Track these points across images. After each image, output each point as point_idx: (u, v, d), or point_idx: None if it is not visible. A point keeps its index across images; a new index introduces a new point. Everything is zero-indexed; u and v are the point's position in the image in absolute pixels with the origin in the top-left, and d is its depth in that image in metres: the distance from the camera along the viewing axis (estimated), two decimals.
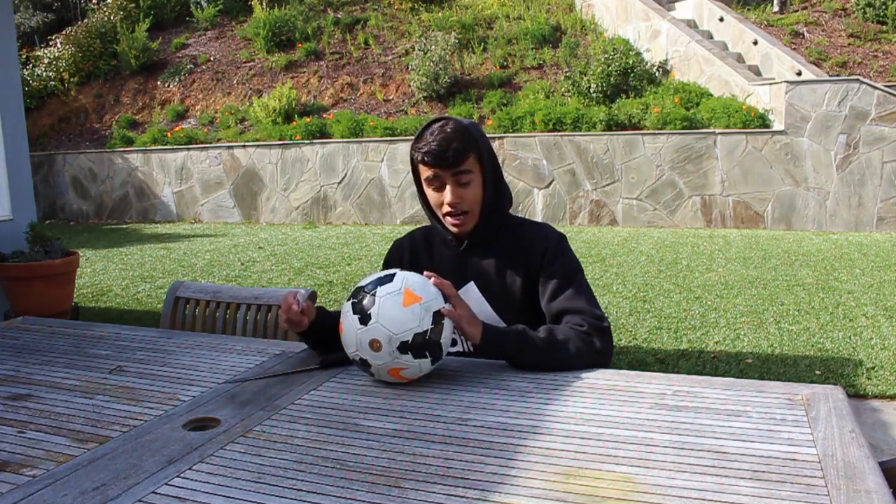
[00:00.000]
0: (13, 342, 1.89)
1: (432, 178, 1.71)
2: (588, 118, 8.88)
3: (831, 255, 6.58)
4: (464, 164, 1.68)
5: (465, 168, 1.68)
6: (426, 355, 1.45)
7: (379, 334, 1.43)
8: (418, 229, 1.92)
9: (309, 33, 12.09)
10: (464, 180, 1.69)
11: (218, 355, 1.75)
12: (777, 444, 1.18)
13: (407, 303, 1.44)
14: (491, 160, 1.74)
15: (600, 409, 1.35)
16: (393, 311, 1.44)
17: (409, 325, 1.43)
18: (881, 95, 7.80)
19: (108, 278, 6.55)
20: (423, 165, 1.70)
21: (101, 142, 11.39)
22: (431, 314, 1.45)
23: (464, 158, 1.67)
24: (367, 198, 9.67)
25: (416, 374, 1.48)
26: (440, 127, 1.69)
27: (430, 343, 1.45)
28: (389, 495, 1.04)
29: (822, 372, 3.72)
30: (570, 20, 11.38)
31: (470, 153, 1.68)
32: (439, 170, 1.68)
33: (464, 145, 1.67)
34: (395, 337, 1.42)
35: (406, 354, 1.43)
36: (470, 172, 1.69)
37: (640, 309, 4.94)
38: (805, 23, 10.35)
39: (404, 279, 1.48)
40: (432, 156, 1.66)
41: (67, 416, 1.38)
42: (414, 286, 1.47)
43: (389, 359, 1.44)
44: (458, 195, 1.69)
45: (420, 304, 1.45)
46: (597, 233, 8.28)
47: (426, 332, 1.43)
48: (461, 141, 1.66)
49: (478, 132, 1.72)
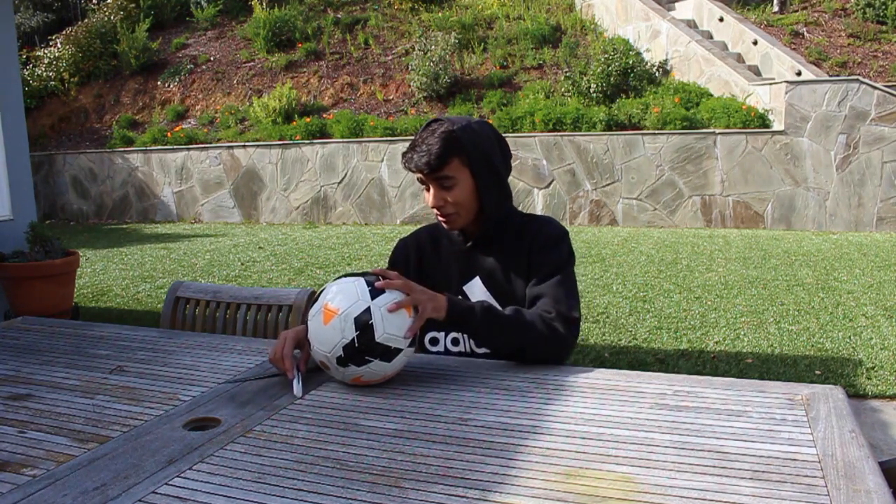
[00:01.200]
0: (13, 342, 1.89)
1: (421, 181, 1.74)
2: (588, 118, 8.88)
3: (831, 255, 6.58)
4: (443, 170, 1.68)
5: (444, 174, 1.68)
6: (368, 359, 1.43)
7: (319, 356, 1.47)
8: (423, 228, 1.92)
9: (309, 33, 12.09)
10: (446, 184, 1.70)
11: (218, 355, 1.75)
12: (777, 444, 1.18)
13: (326, 320, 1.44)
14: (484, 162, 1.71)
15: (601, 409, 1.35)
16: (318, 332, 1.46)
17: (334, 342, 1.43)
18: (881, 95, 7.80)
19: (108, 278, 6.55)
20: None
21: (102, 142, 11.39)
22: (352, 321, 1.42)
23: (443, 165, 1.67)
24: (367, 198, 9.67)
25: (381, 374, 1.46)
26: (429, 132, 1.70)
27: (365, 347, 1.42)
28: (390, 495, 1.04)
29: (822, 372, 3.72)
30: (570, 20, 11.38)
31: (452, 159, 1.67)
32: (420, 174, 1.70)
33: (443, 152, 1.66)
34: (329, 355, 1.44)
35: (348, 366, 1.44)
36: (452, 178, 1.69)
37: (640, 309, 4.94)
38: (805, 23, 10.35)
39: (325, 293, 1.49)
40: (411, 162, 1.69)
41: (68, 416, 1.38)
42: (332, 300, 1.46)
43: (339, 374, 1.47)
44: (441, 198, 1.71)
45: (338, 316, 1.43)
46: (597, 233, 8.28)
47: (353, 340, 1.42)
48: (442, 147, 1.66)
49: (468, 136, 1.69)
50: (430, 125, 1.72)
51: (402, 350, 1.46)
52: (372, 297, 1.45)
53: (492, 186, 1.74)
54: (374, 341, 1.43)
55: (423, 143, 1.68)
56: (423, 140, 1.69)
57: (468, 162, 1.70)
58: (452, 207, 1.71)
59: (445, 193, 1.70)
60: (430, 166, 1.66)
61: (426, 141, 1.68)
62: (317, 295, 1.53)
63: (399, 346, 1.45)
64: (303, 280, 6.16)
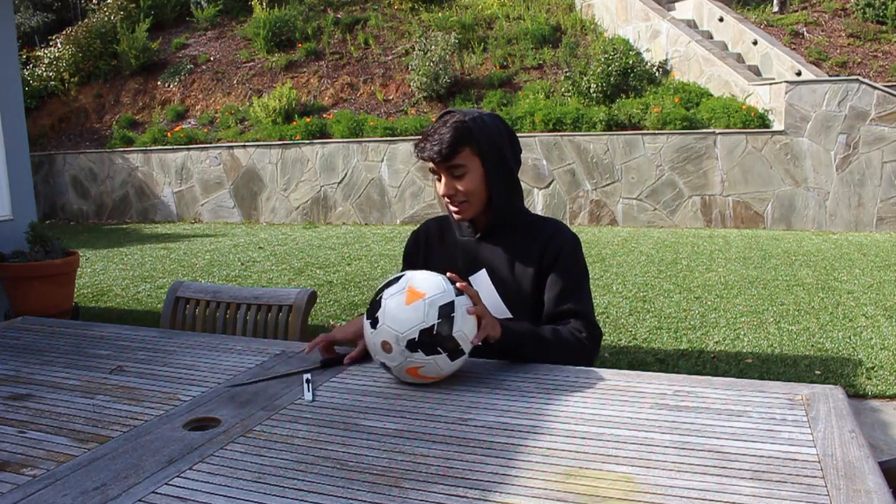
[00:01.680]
0: (13, 342, 1.89)
1: (433, 170, 1.78)
2: (588, 118, 8.88)
3: (831, 255, 6.58)
4: (455, 158, 1.72)
5: (456, 163, 1.72)
6: (439, 351, 1.44)
7: (387, 336, 1.44)
8: (433, 219, 1.96)
9: (309, 33, 12.09)
10: (457, 173, 1.74)
11: (218, 355, 1.75)
12: (777, 444, 1.18)
13: (410, 300, 1.44)
14: (495, 153, 1.76)
15: (601, 409, 1.35)
16: (396, 311, 1.44)
17: (413, 323, 1.42)
18: (881, 95, 7.80)
19: (108, 278, 6.55)
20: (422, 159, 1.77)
21: (102, 142, 11.39)
22: (437, 308, 1.44)
23: (455, 153, 1.71)
24: (367, 198, 9.67)
25: (436, 372, 1.47)
26: (441, 122, 1.75)
27: (441, 337, 1.43)
28: (390, 495, 1.04)
29: (822, 372, 3.72)
30: (570, 20, 11.38)
31: (463, 148, 1.72)
32: (433, 163, 1.74)
33: (455, 140, 1.71)
34: (401, 336, 1.42)
35: (417, 352, 1.43)
36: (463, 166, 1.73)
37: (640, 309, 4.94)
38: (805, 23, 10.35)
39: (409, 278, 1.49)
40: (423, 151, 1.74)
41: (68, 416, 1.38)
42: (417, 283, 1.47)
43: (402, 358, 1.44)
44: (451, 186, 1.75)
45: (423, 299, 1.44)
46: (597, 233, 8.28)
47: (433, 327, 1.42)
48: (454, 135, 1.71)
49: (479, 126, 1.74)
50: (443, 116, 1.77)
51: (465, 354, 1.48)
52: (456, 294, 1.48)
53: (501, 177, 1.77)
54: (451, 334, 1.44)
55: (436, 132, 1.73)
56: (436, 130, 1.74)
57: (478, 152, 1.74)
58: (463, 196, 1.75)
59: (456, 182, 1.74)
60: (442, 154, 1.71)
61: (438, 131, 1.73)
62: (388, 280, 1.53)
63: (465, 348, 1.47)
64: (303, 280, 6.16)
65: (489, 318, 1.55)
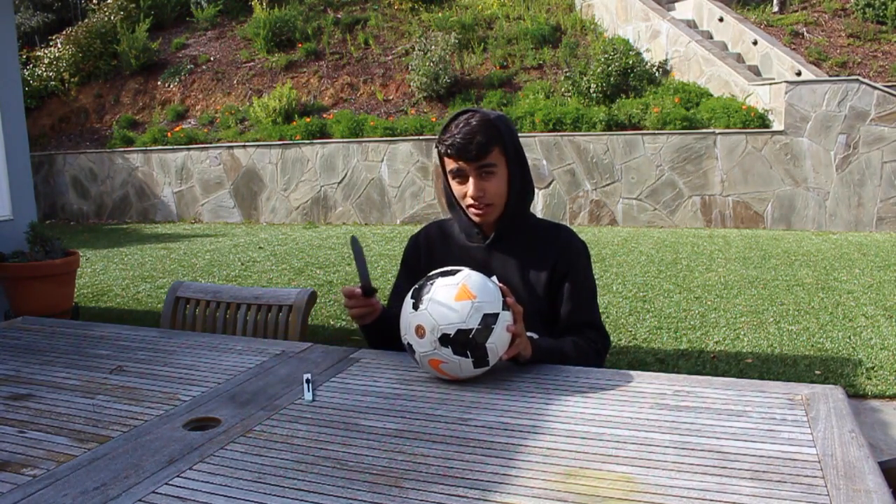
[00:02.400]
0: (13, 342, 1.89)
1: (457, 171, 1.72)
2: (588, 118, 8.88)
3: (831, 255, 6.58)
4: (487, 157, 1.68)
5: (488, 162, 1.69)
6: (467, 354, 1.44)
7: (425, 321, 1.44)
8: (433, 223, 1.92)
9: (309, 33, 12.09)
10: (487, 172, 1.70)
11: (218, 355, 1.75)
12: (777, 444, 1.18)
13: (459, 297, 1.44)
14: (517, 154, 1.74)
15: (601, 409, 1.35)
16: (443, 302, 1.44)
17: (453, 319, 1.43)
18: (881, 95, 7.80)
19: (108, 278, 6.55)
20: (448, 158, 1.72)
21: (102, 142, 11.39)
22: (482, 314, 1.44)
23: (487, 152, 1.68)
24: (367, 198, 9.67)
25: (456, 372, 1.47)
26: (466, 119, 1.70)
27: (473, 343, 1.43)
28: (390, 495, 1.04)
29: (822, 372, 3.72)
30: (570, 20, 11.38)
31: (494, 147, 1.69)
32: (463, 162, 1.69)
33: (487, 139, 1.67)
34: (438, 327, 1.43)
35: (446, 347, 1.43)
36: (494, 166, 1.70)
37: (640, 309, 4.94)
38: (805, 23, 10.35)
39: (467, 276, 1.49)
40: (455, 149, 1.67)
41: (68, 415, 1.38)
42: (472, 284, 1.47)
43: (430, 348, 1.45)
44: (481, 188, 1.70)
45: (472, 301, 1.44)
46: (597, 233, 8.28)
47: (471, 331, 1.42)
48: (485, 134, 1.67)
49: (504, 125, 1.72)
50: (464, 114, 1.72)
51: (488, 366, 1.49)
52: (503, 308, 1.48)
53: (521, 179, 1.76)
54: (485, 343, 1.44)
55: (464, 130, 1.67)
56: (462, 128, 1.67)
57: (505, 151, 1.71)
58: (490, 198, 1.72)
59: (485, 183, 1.70)
60: (477, 153, 1.66)
61: (467, 129, 1.67)
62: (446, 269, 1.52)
63: (491, 360, 1.48)
64: (303, 280, 6.16)
65: (524, 339, 1.54)
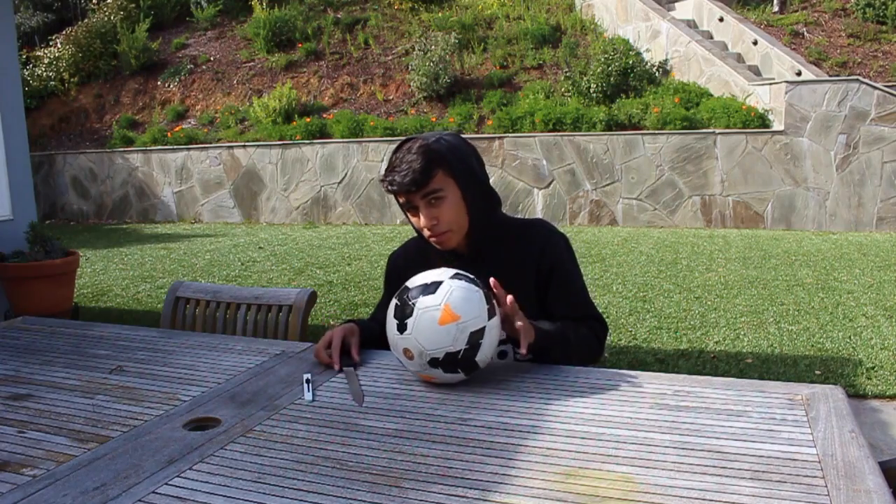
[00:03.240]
0: (13, 342, 1.89)
1: (406, 205, 1.67)
2: (588, 118, 8.88)
3: (831, 255, 6.58)
4: (430, 184, 1.61)
5: (432, 188, 1.62)
6: (458, 371, 1.45)
7: (411, 346, 1.44)
8: (412, 240, 1.86)
9: (309, 33, 12.09)
10: (435, 199, 1.63)
11: (218, 355, 1.75)
12: (777, 444, 1.18)
13: (444, 321, 1.41)
14: (468, 172, 1.67)
15: (601, 409, 1.35)
16: (428, 328, 1.42)
17: (441, 345, 1.41)
18: (881, 95, 7.80)
19: (108, 278, 6.55)
20: (394, 194, 1.66)
21: (102, 142, 11.39)
22: (468, 334, 1.42)
23: (428, 178, 1.61)
24: (367, 198, 9.67)
25: (448, 381, 1.49)
26: (406, 149, 1.64)
27: (463, 361, 1.43)
28: (390, 495, 1.04)
29: (822, 372, 3.72)
30: (570, 20, 11.38)
31: (436, 171, 1.61)
32: (408, 195, 1.63)
33: (427, 165, 1.60)
34: (426, 352, 1.42)
35: (436, 369, 1.44)
36: (441, 191, 1.63)
37: (640, 309, 4.94)
38: (805, 23, 10.35)
39: (448, 293, 1.44)
40: (396, 184, 1.61)
41: (68, 416, 1.38)
42: (455, 302, 1.42)
43: (419, 368, 1.46)
44: (433, 216, 1.64)
45: (457, 323, 1.41)
46: (597, 233, 8.28)
47: (459, 353, 1.42)
48: (424, 161, 1.60)
49: (445, 147, 1.64)
50: (404, 145, 1.66)
51: (479, 368, 1.49)
52: (488, 317, 1.45)
53: (478, 195, 1.69)
54: (474, 359, 1.44)
55: (403, 161, 1.62)
56: (402, 159, 1.62)
57: (451, 172, 1.64)
58: (445, 225, 1.65)
59: (435, 210, 1.64)
60: (417, 182, 1.59)
61: (405, 159, 1.62)
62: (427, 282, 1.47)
63: (482, 366, 1.48)
64: (303, 280, 6.16)
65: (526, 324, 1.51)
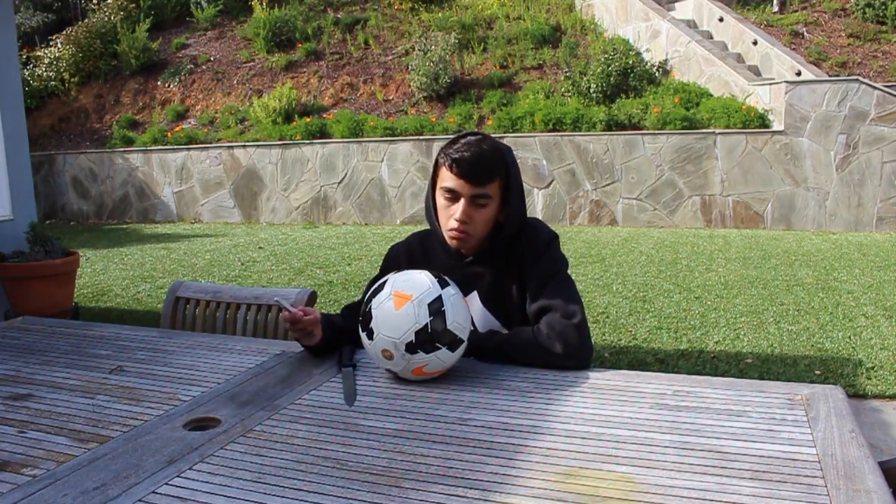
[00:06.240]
0: (13, 342, 1.89)
1: (449, 188, 1.65)
2: (588, 118, 8.88)
3: (831, 255, 6.58)
4: (486, 186, 1.64)
5: (484, 192, 1.64)
6: (438, 346, 1.47)
7: (385, 344, 1.47)
8: (414, 235, 1.87)
9: (309, 33, 12.09)
10: (480, 202, 1.65)
11: (218, 355, 1.75)
12: (777, 444, 1.18)
13: (398, 305, 1.47)
14: (517, 188, 1.69)
15: (601, 409, 1.35)
16: (388, 318, 1.47)
17: (407, 327, 1.45)
18: (881, 95, 7.80)
19: (108, 278, 6.55)
20: (448, 172, 1.64)
21: (102, 142, 11.39)
22: (426, 307, 1.46)
23: (489, 181, 1.64)
24: (367, 198, 9.67)
25: (441, 366, 1.50)
26: (477, 141, 1.65)
27: (437, 333, 1.46)
28: (390, 495, 1.04)
29: (822, 372, 3.72)
30: (570, 20, 11.38)
31: (496, 178, 1.65)
32: (463, 182, 1.63)
33: (493, 167, 1.63)
34: (398, 342, 1.45)
35: (417, 353, 1.46)
36: (488, 198, 1.65)
37: (640, 309, 4.94)
38: (805, 23, 10.35)
39: (392, 282, 1.52)
40: (460, 164, 1.61)
41: (68, 415, 1.38)
42: (402, 286, 1.50)
43: (404, 362, 1.47)
44: (469, 215, 1.64)
45: (411, 301, 1.47)
46: (597, 233, 8.28)
47: (426, 326, 1.45)
48: (492, 161, 1.63)
49: (511, 158, 1.69)
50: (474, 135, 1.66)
51: (464, 342, 1.51)
52: (441, 287, 1.50)
53: (517, 210, 1.70)
54: (446, 328, 1.46)
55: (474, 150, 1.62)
56: (472, 148, 1.62)
57: (506, 185, 1.67)
58: (473, 228, 1.66)
59: (473, 211, 1.65)
60: (478, 178, 1.62)
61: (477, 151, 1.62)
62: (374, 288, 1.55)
63: (462, 336, 1.50)
64: (303, 280, 6.16)
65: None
